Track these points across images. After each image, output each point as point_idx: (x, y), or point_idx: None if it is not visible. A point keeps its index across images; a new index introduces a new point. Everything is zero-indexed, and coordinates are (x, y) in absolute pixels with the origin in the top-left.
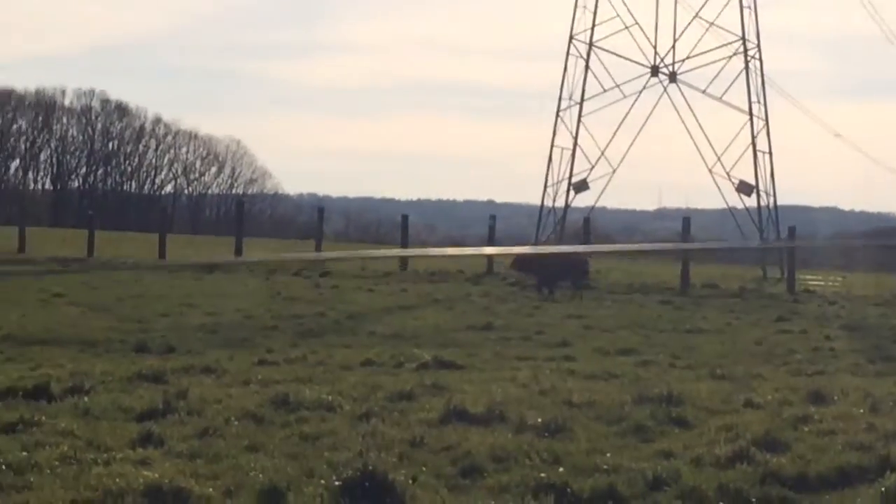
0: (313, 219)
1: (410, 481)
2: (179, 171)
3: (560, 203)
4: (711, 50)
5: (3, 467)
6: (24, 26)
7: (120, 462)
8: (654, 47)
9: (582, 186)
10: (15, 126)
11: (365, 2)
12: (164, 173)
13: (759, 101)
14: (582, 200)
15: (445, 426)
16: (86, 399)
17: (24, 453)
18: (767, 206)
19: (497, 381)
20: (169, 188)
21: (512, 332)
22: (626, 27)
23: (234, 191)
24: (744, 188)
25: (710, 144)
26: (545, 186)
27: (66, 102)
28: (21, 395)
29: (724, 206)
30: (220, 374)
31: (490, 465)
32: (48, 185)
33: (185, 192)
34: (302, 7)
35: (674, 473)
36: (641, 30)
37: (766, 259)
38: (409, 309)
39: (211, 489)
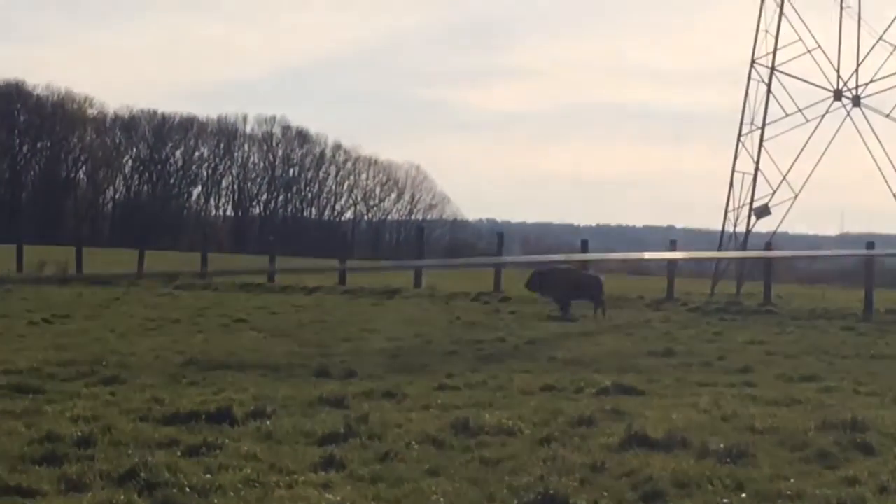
0: (493, 244)
1: None
2: (359, 197)
3: (741, 228)
4: None
5: (188, 490)
6: (206, 54)
7: (302, 485)
8: (837, 71)
9: (763, 211)
10: (197, 153)
11: (544, 27)
12: (343, 199)
13: None
14: (763, 226)
15: (626, 451)
16: (268, 423)
17: (208, 476)
18: None
19: (678, 407)
20: (349, 214)
21: (693, 357)
22: (809, 51)
23: (413, 216)
24: None
25: (895, 168)
26: (726, 211)
27: (248, 129)
28: (204, 419)
29: None
30: (400, 398)
31: (672, 490)
32: (230, 212)
33: (365, 217)
34: (481, 32)
35: (859, 500)
36: (824, 53)
37: None
38: (588, 335)
39: None
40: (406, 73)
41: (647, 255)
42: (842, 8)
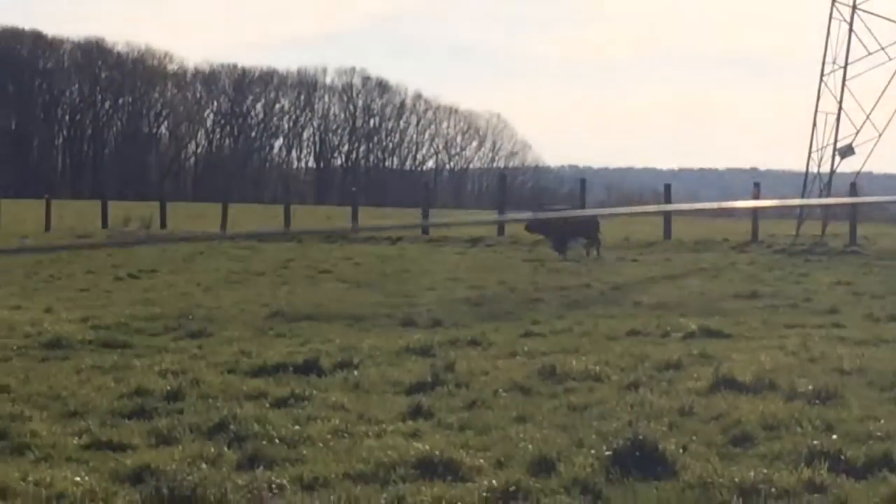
0: (575, 190)
1: (681, 450)
2: (440, 147)
3: (825, 169)
4: None
5: (277, 441)
6: (284, 7)
7: (391, 434)
8: None
9: (847, 151)
10: (278, 106)
11: None
12: (425, 149)
13: None
14: (847, 166)
15: (714, 395)
16: (355, 373)
17: (297, 427)
18: None
19: (765, 350)
20: (430, 164)
21: (779, 299)
22: None
23: (495, 164)
24: None
25: None
26: (809, 152)
27: (328, 81)
28: (292, 370)
29: None
30: (486, 346)
31: (761, 433)
32: (311, 164)
33: (447, 167)
34: None
35: None
36: None
37: None
38: (673, 278)
39: (481, 460)
40: (483, 20)
41: (732, 203)
42: None
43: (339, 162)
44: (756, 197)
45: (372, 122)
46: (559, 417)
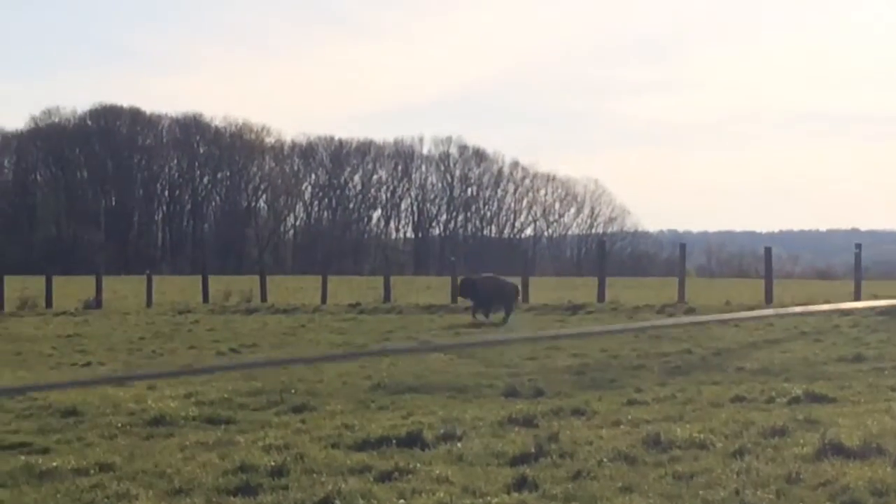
0: (675, 255)
1: None
2: (538, 214)
3: None
4: None
5: None
6: (380, 79)
7: None
8: None
9: None
10: (375, 177)
11: (713, 38)
12: (523, 217)
13: None
14: None
15: (821, 461)
16: (458, 445)
17: (402, 501)
18: None
19: (871, 414)
20: (529, 231)
21: (885, 362)
22: None
23: (593, 231)
24: None
25: None
26: None
27: (425, 151)
28: (395, 444)
29: None
30: (589, 415)
31: (870, 499)
32: (409, 234)
33: (545, 234)
34: (651, 45)
35: None
36: None
37: None
38: (776, 343)
39: None
40: (578, 87)
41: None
42: None
43: (437, 231)
44: (858, 258)
45: (469, 190)
46: (665, 487)
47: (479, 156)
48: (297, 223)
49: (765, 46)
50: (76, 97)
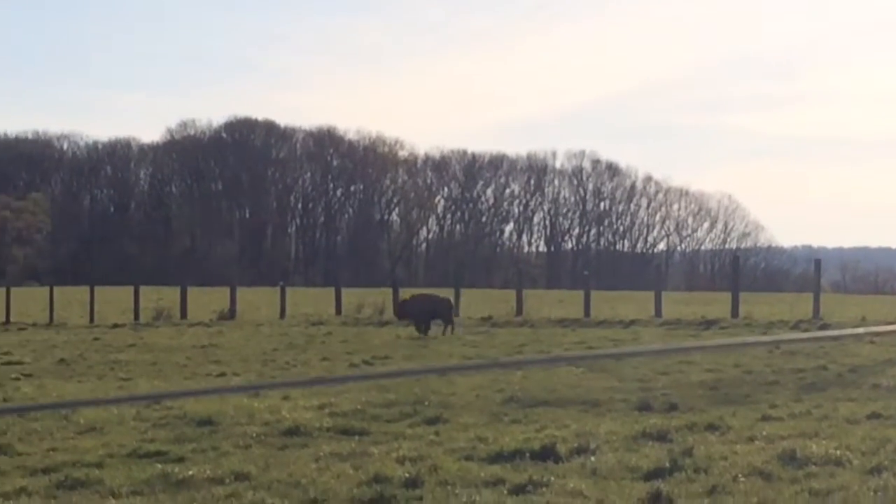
0: (808, 271)
1: None
2: (671, 229)
3: None
4: None
5: None
6: (511, 93)
7: None
8: None
9: None
10: (508, 190)
11: (841, 52)
12: (656, 231)
13: None
14: None
15: None
16: (592, 459)
17: None
18: None
19: None
20: (661, 245)
21: None
22: None
23: (726, 246)
24: None
25: None
26: None
27: (558, 165)
28: (528, 457)
29: None
30: (724, 430)
31: None
32: (542, 247)
33: (678, 249)
34: (780, 59)
35: None
36: None
37: None
38: None
39: None
40: (710, 102)
41: None
42: None
43: (569, 245)
44: None
45: (602, 205)
46: (801, 503)
47: (612, 170)
48: (430, 236)
49: (888, 64)
50: (212, 110)
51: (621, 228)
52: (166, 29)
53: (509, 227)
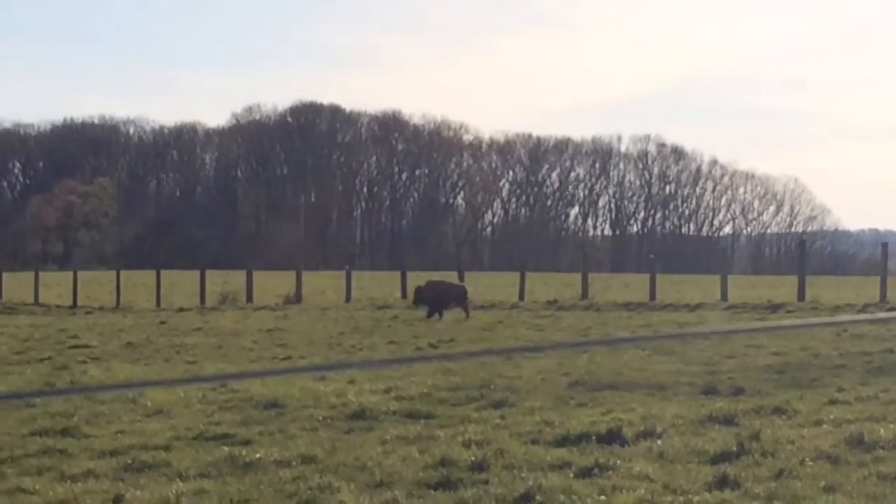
0: (875, 255)
1: None
2: (737, 212)
3: None
4: None
5: None
6: (575, 78)
7: None
8: None
9: None
10: (573, 174)
11: None
12: (721, 215)
13: None
14: None
15: None
16: (658, 442)
17: (602, 497)
18: None
19: None
20: (727, 229)
21: None
22: None
23: (793, 229)
24: None
25: None
26: None
27: (623, 148)
28: (595, 440)
29: None
30: (790, 414)
31: None
32: (607, 231)
33: (744, 232)
34: (849, 38)
35: None
36: None
37: None
38: None
39: None
40: (778, 84)
41: None
42: None
43: (634, 229)
44: None
45: (668, 188)
46: (869, 487)
47: (678, 153)
48: (495, 220)
49: None
50: (277, 94)
51: (687, 212)
52: (232, 13)
53: (574, 211)
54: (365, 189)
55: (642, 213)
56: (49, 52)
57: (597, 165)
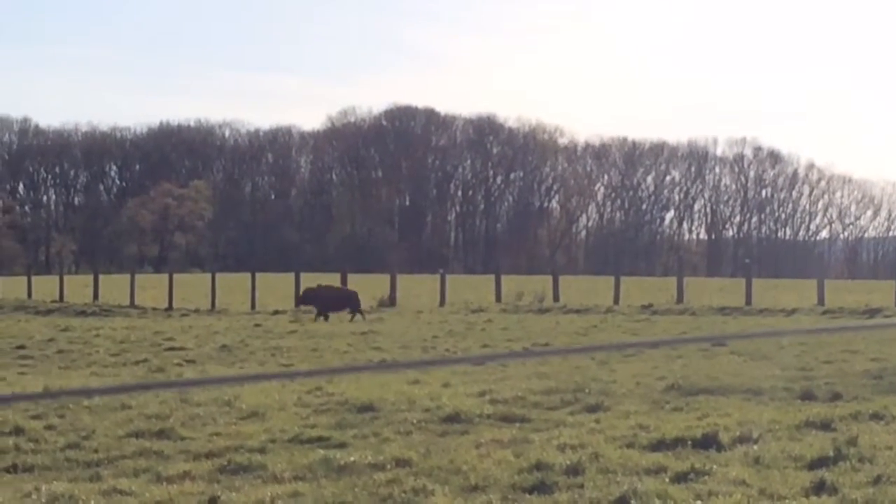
0: None
1: None
2: (834, 217)
3: None
4: None
5: None
6: (671, 79)
7: None
8: None
9: None
10: (668, 177)
11: None
12: (818, 219)
13: None
14: None
15: None
16: (755, 447)
17: (698, 502)
18: None
19: None
20: (824, 233)
21: None
22: None
23: (890, 233)
24: None
25: None
26: None
27: (718, 152)
28: (690, 445)
29: None
30: (888, 420)
31: None
32: (702, 235)
33: (841, 237)
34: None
35: None
36: None
37: None
38: None
39: None
40: (874, 87)
41: None
42: None
43: (730, 233)
44: None
45: (764, 192)
46: None
47: (774, 157)
48: (590, 223)
49: None
50: (372, 98)
51: (783, 216)
52: (327, 19)
53: (670, 215)
54: (459, 192)
55: (738, 217)
56: (145, 57)
57: (692, 169)
